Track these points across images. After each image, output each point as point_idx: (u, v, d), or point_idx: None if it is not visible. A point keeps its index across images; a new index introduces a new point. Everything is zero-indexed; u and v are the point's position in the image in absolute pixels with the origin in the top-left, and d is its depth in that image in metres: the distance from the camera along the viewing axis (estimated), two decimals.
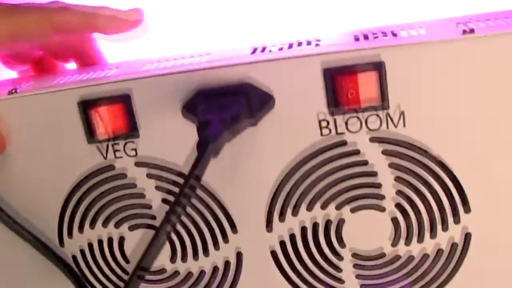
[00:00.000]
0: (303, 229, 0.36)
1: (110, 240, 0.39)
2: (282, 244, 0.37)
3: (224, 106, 0.32)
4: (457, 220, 0.34)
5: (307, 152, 0.34)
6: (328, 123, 0.34)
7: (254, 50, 0.36)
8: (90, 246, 0.39)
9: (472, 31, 0.31)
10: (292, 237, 0.37)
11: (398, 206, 0.35)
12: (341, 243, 0.36)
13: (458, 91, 0.32)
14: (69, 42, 0.41)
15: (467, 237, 0.35)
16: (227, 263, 0.38)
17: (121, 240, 0.39)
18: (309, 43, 0.35)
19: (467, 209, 0.34)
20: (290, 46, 0.35)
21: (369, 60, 0.32)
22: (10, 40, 0.39)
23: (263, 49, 0.35)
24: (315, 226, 0.36)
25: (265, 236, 0.37)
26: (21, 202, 0.38)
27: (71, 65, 0.43)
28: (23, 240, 0.38)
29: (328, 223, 0.36)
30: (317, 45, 0.34)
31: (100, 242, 0.39)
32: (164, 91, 0.35)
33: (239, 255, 0.37)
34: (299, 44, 0.35)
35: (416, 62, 0.32)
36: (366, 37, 0.34)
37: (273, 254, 0.37)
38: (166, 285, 0.39)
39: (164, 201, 0.37)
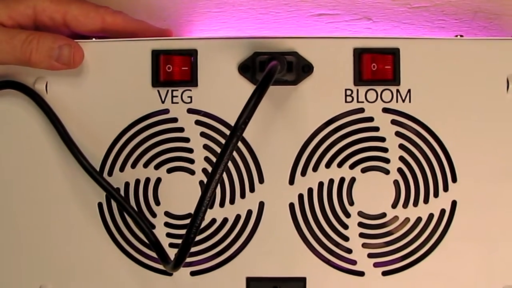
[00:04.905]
0: (320, 186, 0.43)
1: (146, 181, 0.43)
2: (300, 197, 0.43)
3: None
4: (446, 188, 0.43)
5: (333, 114, 0.43)
6: (352, 92, 0.43)
7: None
8: (127, 185, 0.44)
9: (461, 36, 0.44)
10: (310, 192, 0.43)
11: (400, 170, 0.43)
12: (350, 202, 0.43)
13: (453, 80, 0.43)
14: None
15: (453, 204, 0.43)
16: (249, 212, 0.43)
17: (157, 181, 0.43)
18: None
19: (455, 179, 0.43)
20: None
21: (388, 46, 0.43)
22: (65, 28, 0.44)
23: None
24: (330, 183, 0.43)
25: (286, 189, 0.43)
26: (78, 130, 0.43)
27: None
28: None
29: (341, 182, 0.43)
30: None
31: (137, 182, 0.43)
32: (225, 51, 0.43)
33: (261, 206, 0.43)
34: None
35: (424, 53, 0.43)
36: None
37: (291, 206, 0.43)
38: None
39: (205, 146, 0.43)
